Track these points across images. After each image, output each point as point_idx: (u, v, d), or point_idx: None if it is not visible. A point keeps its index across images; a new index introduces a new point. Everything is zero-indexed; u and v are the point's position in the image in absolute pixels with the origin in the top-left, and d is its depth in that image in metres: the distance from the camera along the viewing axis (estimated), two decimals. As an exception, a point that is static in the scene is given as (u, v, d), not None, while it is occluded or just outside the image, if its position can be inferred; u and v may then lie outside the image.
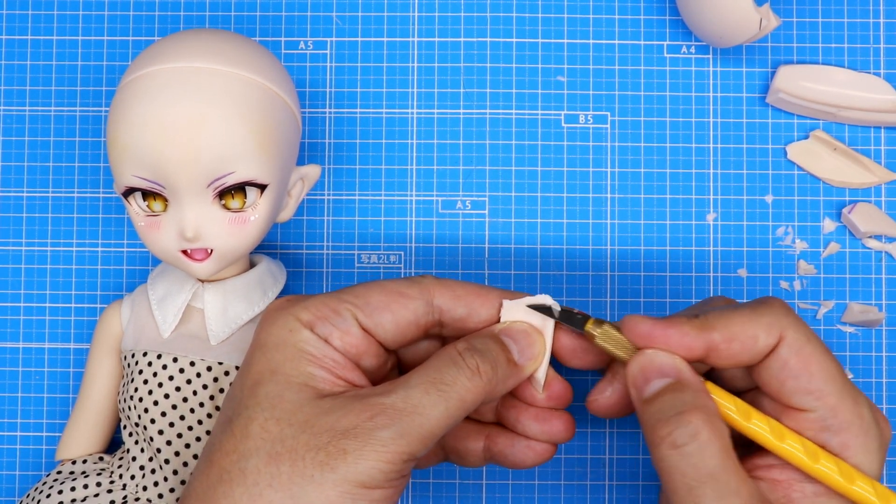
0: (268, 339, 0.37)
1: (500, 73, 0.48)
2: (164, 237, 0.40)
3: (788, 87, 0.47)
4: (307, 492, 0.33)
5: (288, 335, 0.36)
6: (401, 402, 0.34)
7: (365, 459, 0.33)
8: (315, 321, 0.37)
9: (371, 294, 0.38)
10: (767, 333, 0.36)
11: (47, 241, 0.47)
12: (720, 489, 0.33)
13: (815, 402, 0.36)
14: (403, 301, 0.38)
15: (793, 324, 0.36)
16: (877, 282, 0.47)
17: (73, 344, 0.47)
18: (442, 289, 0.38)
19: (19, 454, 0.47)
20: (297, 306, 0.37)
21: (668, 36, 0.48)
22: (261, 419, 0.34)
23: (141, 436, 0.42)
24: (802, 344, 0.36)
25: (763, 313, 0.36)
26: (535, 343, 0.38)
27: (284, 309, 0.37)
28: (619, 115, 0.48)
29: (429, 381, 0.35)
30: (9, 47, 0.48)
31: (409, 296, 0.38)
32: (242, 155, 0.39)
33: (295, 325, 0.36)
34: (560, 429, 0.40)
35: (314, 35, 0.48)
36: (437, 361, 0.36)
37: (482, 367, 0.36)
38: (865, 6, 0.48)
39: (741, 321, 0.36)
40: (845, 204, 0.47)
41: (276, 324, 0.37)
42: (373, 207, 0.48)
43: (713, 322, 0.36)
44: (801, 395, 0.36)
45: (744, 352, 0.36)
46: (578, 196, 0.48)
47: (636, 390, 0.36)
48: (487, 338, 0.37)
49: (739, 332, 0.36)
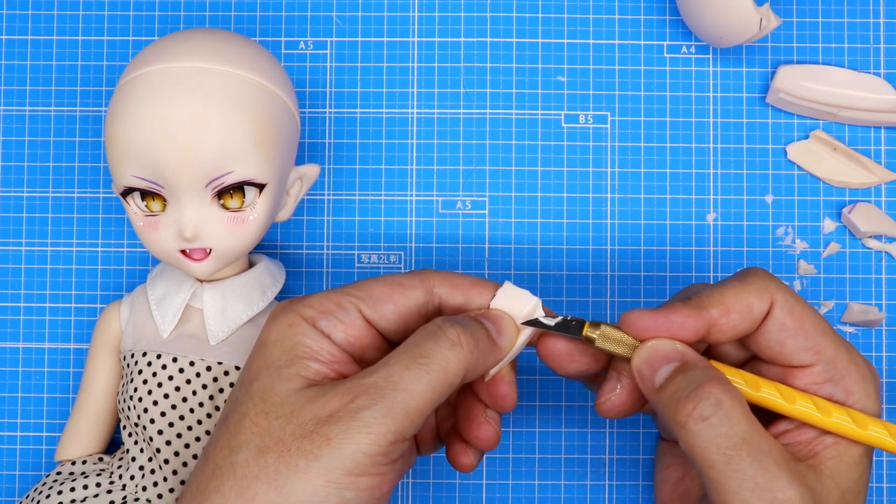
0: (268, 336, 0.37)
1: (500, 73, 0.48)
2: (162, 237, 0.40)
3: (788, 87, 0.47)
4: (292, 482, 0.33)
5: (287, 330, 0.36)
6: (382, 381, 0.34)
7: (349, 443, 0.33)
8: (318, 316, 0.37)
9: (373, 286, 0.38)
10: (760, 299, 0.37)
11: (47, 241, 0.47)
12: (755, 452, 0.34)
13: (815, 356, 0.37)
14: (404, 291, 0.38)
15: (780, 287, 0.38)
16: (877, 282, 0.47)
17: (72, 344, 0.47)
18: (441, 278, 0.38)
19: (19, 454, 0.47)
20: (300, 303, 0.37)
21: (668, 36, 0.48)
22: (252, 413, 0.35)
23: (140, 436, 0.42)
24: (793, 304, 0.37)
25: (751, 281, 0.37)
26: (508, 328, 0.38)
27: (288, 307, 0.37)
28: (619, 115, 0.48)
29: (408, 357, 0.35)
30: (9, 47, 0.48)
31: (410, 286, 0.38)
32: (241, 154, 0.39)
33: (295, 319, 0.37)
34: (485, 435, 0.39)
35: (314, 35, 0.48)
36: (416, 337, 0.36)
37: (462, 337, 0.35)
38: (865, 6, 0.48)
39: (733, 293, 0.37)
40: (845, 204, 0.47)
41: (278, 321, 0.37)
42: (373, 207, 0.48)
43: (706, 300, 0.37)
44: (801, 352, 0.37)
45: (742, 321, 0.37)
46: (578, 196, 0.48)
47: (646, 382, 0.37)
48: (466, 317, 0.37)
49: (734, 304, 0.37)
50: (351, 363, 0.37)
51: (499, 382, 0.39)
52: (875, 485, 0.47)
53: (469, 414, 0.39)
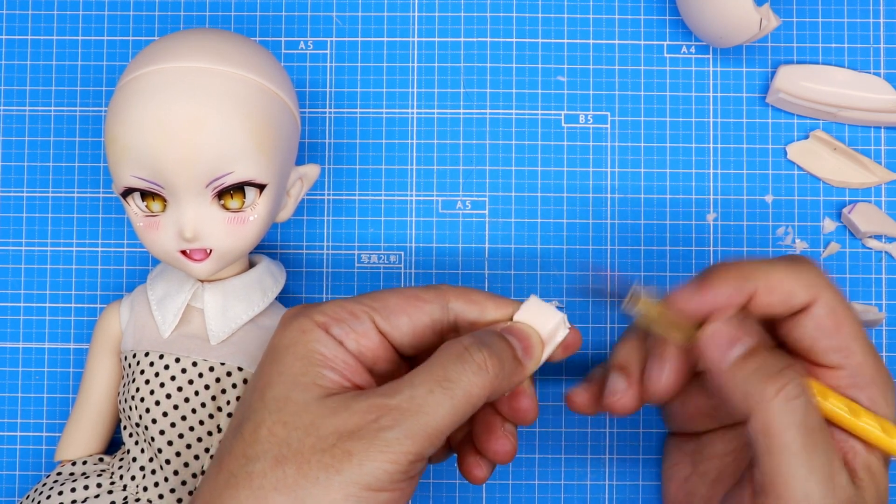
0: (280, 341, 0.37)
1: (500, 73, 0.48)
2: (163, 237, 0.40)
3: (788, 87, 0.47)
4: (312, 494, 0.33)
5: (300, 336, 0.36)
6: (406, 402, 0.34)
7: (370, 461, 0.33)
8: (330, 322, 0.37)
9: (388, 298, 0.38)
10: (805, 291, 0.37)
11: (47, 241, 0.47)
12: (827, 444, 0.35)
13: (845, 359, 0.37)
14: (420, 304, 0.38)
15: (828, 286, 0.38)
16: (877, 282, 0.47)
17: (72, 344, 0.47)
18: (457, 294, 0.38)
19: (19, 454, 0.47)
20: (312, 309, 0.37)
21: (668, 36, 0.48)
22: (269, 422, 0.34)
23: (142, 436, 0.42)
24: (836, 305, 0.37)
25: (802, 271, 0.38)
26: (535, 346, 0.38)
27: (300, 313, 0.37)
28: (619, 115, 0.48)
29: (433, 380, 0.35)
30: (9, 47, 0.48)
31: (426, 299, 0.38)
32: (241, 155, 0.39)
33: (308, 325, 0.36)
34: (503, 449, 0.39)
35: (314, 35, 0.48)
36: (442, 357, 0.36)
37: (489, 362, 0.35)
38: (865, 6, 0.48)
39: (780, 275, 0.37)
40: (845, 204, 0.47)
41: (290, 326, 0.37)
42: (373, 207, 0.48)
43: (753, 272, 0.37)
44: (832, 353, 0.37)
45: (779, 304, 0.37)
46: (578, 196, 0.48)
47: (718, 357, 0.37)
48: (492, 333, 0.37)
49: (777, 286, 0.37)
50: (364, 373, 0.37)
51: (520, 396, 0.38)
52: (875, 485, 0.47)
53: (487, 427, 0.39)
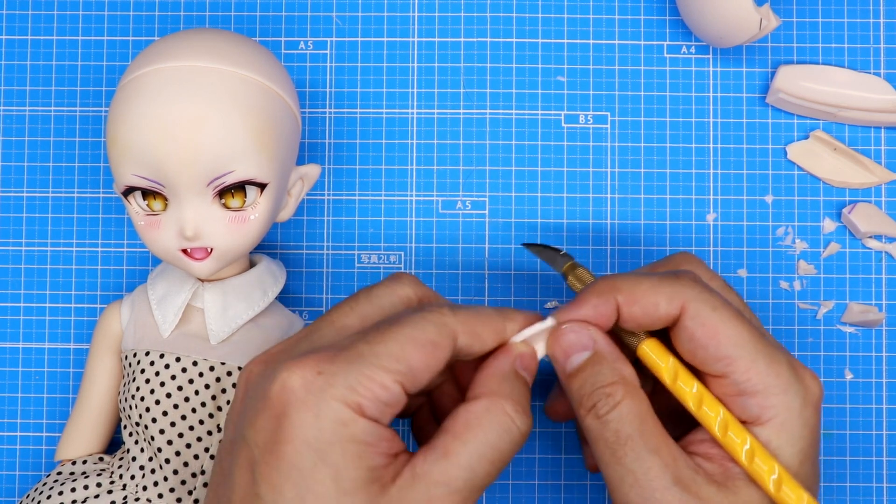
0: (320, 436, 0.33)
1: (500, 73, 0.48)
2: (163, 236, 0.40)
3: (788, 87, 0.47)
4: None
5: (342, 430, 0.33)
6: (466, 491, 0.34)
7: None
8: (364, 404, 0.33)
9: (408, 354, 0.35)
10: (668, 302, 0.37)
11: (47, 241, 0.47)
12: (639, 449, 0.35)
13: (726, 367, 0.36)
14: (437, 354, 0.35)
15: (697, 295, 0.37)
16: (877, 282, 0.47)
17: (73, 344, 0.47)
18: (463, 328, 0.37)
19: (19, 454, 0.47)
20: (337, 379, 0.33)
21: (668, 36, 0.48)
22: None
23: (141, 435, 0.42)
24: (707, 314, 0.36)
25: (668, 283, 0.37)
26: (535, 364, 0.38)
27: (322, 390, 0.33)
28: (619, 115, 0.48)
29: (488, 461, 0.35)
30: (9, 47, 0.48)
31: (441, 346, 0.36)
32: (242, 154, 0.39)
33: (347, 415, 0.33)
34: None
35: (314, 35, 0.48)
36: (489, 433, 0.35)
37: (520, 420, 0.36)
38: (865, 6, 0.48)
39: (645, 287, 0.37)
40: (845, 204, 0.47)
41: (324, 416, 0.33)
42: (373, 207, 0.48)
43: (620, 284, 0.37)
44: (712, 363, 0.37)
45: (643, 315, 0.37)
46: (578, 196, 0.48)
47: (559, 366, 0.38)
48: (518, 381, 0.37)
49: (641, 297, 0.37)
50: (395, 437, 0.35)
51: None
52: (875, 485, 0.47)
53: None
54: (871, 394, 0.47)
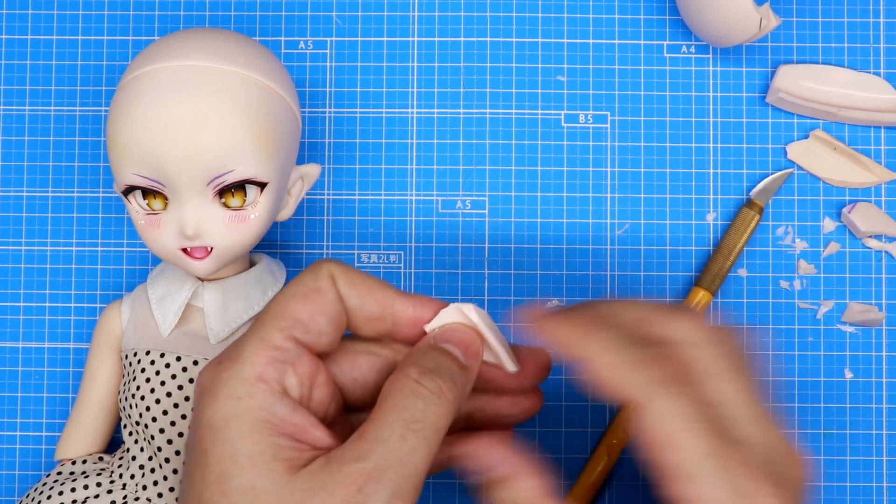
0: (215, 415, 0.32)
1: (500, 73, 0.48)
2: (164, 235, 0.40)
3: (788, 86, 0.47)
4: None
5: (236, 405, 0.32)
6: (383, 461, 0.31)
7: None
8: (262, 371, 0.33)
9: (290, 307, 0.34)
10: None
11: (47, 241, 0.47)
12: None
13: None
14: (320, 298, 0.35)
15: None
16: (877, 282, 0.47)
17: (72, 344, 0.47)
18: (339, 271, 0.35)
19: (19, 454, 0.47)
20: (234, 362, 0.33)
21: (668, 36, 0.48)
22: None
23: (141, 434, 0.42)
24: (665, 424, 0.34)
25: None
26: (473, 340, 0.36)
27: (220, 374, 0.33)
28: (619, 115, 0.48)
29: (400, 425, 0.32)
30: (9, 47, 0.48)
31: (322, 289, 0.35)
32: (242, 153, 0.39)
33: (242, 388, 0.33)
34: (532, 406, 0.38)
35: (314, 35, 0.48)
36: (397, 399, 0.33)
37: (444, 387, 0.33)
38: (865, 6, 0.48)
39: None
40: (845, 204, 0.47)
41: (220, 395, 0.33)
42: (373, 207, 0.48)
43: None
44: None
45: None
46: (578, 196, 0.48)
47: None
48: (432, 351, 0.35)
49: None
50: (317, 425, 0.34)
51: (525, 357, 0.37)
52: (875, 485, 0.47)
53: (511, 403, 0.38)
54: (871, 393, 0.47)
